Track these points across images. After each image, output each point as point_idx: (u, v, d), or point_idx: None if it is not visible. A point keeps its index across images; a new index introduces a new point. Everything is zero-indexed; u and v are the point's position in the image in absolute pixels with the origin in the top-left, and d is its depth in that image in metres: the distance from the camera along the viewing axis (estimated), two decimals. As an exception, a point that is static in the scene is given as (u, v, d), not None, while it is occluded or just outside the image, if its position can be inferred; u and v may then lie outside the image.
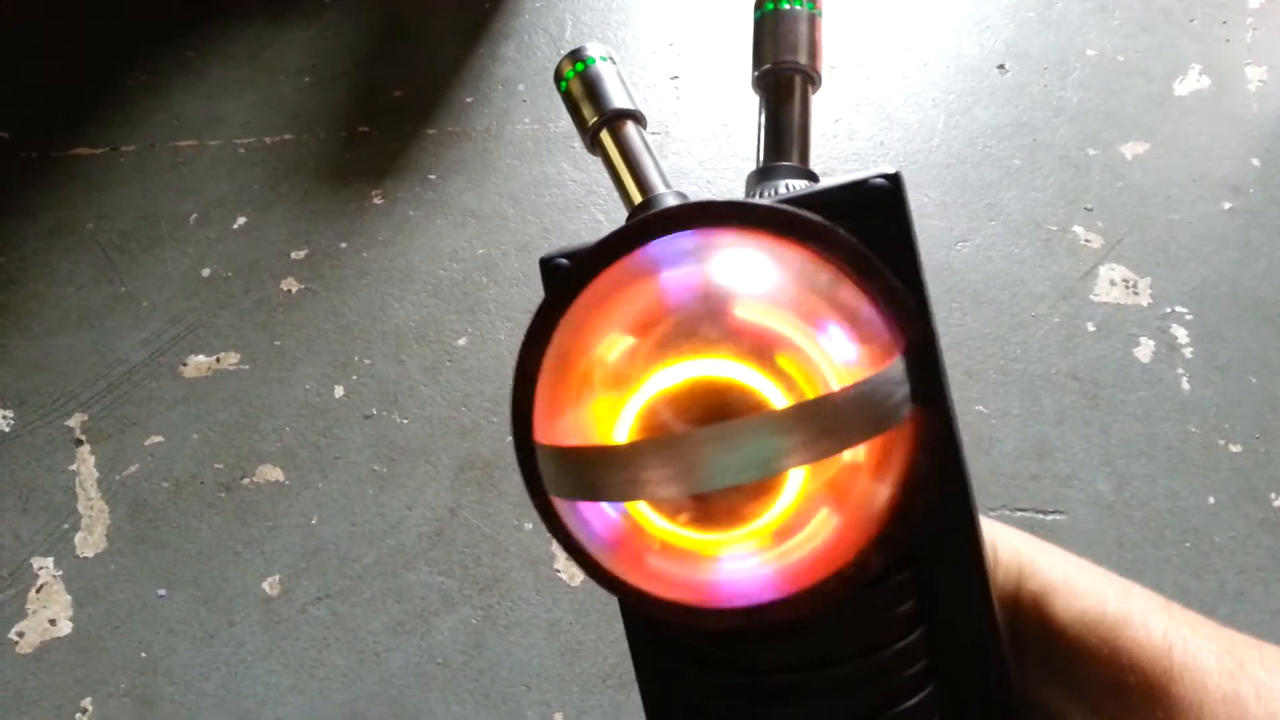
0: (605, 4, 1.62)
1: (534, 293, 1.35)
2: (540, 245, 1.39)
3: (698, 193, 1.29)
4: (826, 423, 0.19)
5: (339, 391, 1.27)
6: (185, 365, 1.29)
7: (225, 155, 1.47)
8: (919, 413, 0.20)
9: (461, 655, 1.11)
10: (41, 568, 1.16)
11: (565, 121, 1.42)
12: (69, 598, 1.15)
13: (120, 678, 1.10)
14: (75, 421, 1.26)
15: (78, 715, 1.08)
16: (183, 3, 1.62)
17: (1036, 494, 1.18)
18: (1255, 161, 1.43)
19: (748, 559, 0.21)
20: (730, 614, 0.21)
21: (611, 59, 0.33)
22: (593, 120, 0.32)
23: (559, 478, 0.21)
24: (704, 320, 0.21)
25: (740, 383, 0.20)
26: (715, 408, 0.20)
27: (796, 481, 0.21)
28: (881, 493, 0.21)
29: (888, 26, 1.59)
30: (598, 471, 0.20)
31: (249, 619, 1.13)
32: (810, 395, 0.19)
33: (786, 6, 0.31)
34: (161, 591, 1.15)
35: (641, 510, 0.22)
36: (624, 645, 1.12)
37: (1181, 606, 0.31)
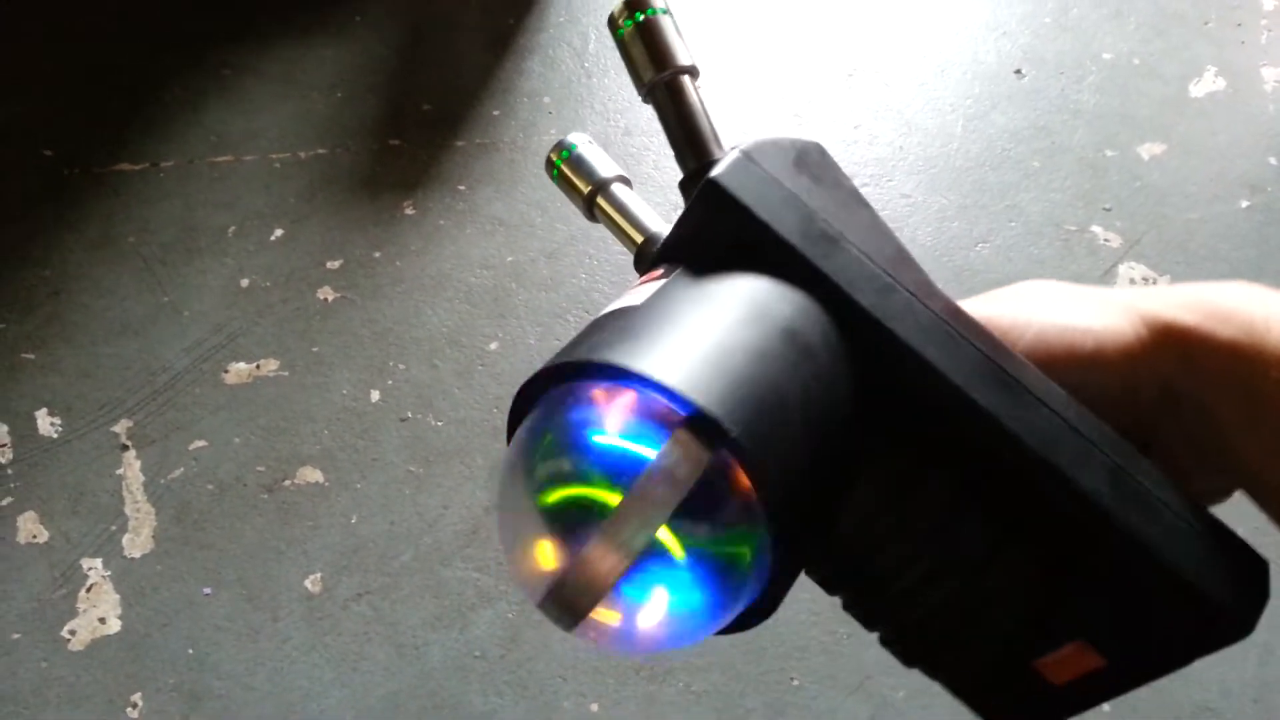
0: (627, 17, 1.66)
1: (561, 298, 1.38)
2: (567, 252, 1.42)
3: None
4: (649, 504, 0.22)
5: (375, 396, 1.31)
6: (227, 372, 1.33)
7: (261, 169, 1.51)
8: (728, 450, 0.23)
9: (499, 648, 1.14)
10: (91, 568, 1.20)
11: (588, 131, 1.46)
12: (118, 597, 1.19)
13: (169, 674, 1.14)
14: (121, 427, 1.30)
15: (129, 710, 1.12)
16: (217, 22, 1.67)
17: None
18: (1272, 160, 1.45)
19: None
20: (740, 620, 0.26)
21: (590, 142, 0.39)
22: (586, 190, 0.38)
23: (556, 618, 0.25)
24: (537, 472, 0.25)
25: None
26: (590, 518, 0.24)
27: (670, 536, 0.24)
28: (747, 500, 0.24)
29: (906, 34, 1.62)
30: (568, 595, 0.24)
31: (292, 615, 1.16)
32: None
33: (642, 19, 0.34)
34: (207, 590, 1.19)
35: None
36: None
37: None
